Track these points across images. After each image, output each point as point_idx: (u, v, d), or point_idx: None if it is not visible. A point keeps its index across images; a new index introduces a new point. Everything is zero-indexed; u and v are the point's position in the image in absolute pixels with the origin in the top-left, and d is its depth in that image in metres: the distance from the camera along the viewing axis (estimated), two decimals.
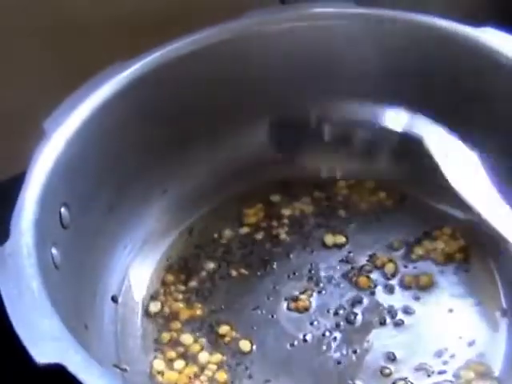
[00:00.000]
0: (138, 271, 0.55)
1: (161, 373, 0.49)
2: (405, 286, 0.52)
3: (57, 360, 0.37)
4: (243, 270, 0.54)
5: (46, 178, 0.46)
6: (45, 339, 0.38)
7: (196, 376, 0.49)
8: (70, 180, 0.49)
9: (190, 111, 0.56)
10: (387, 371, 0.48)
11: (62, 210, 0.48)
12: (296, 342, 0.50)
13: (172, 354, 0.50)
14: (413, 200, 0.57)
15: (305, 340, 0.50)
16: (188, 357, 0.50)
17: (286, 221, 0.57)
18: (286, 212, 0.58)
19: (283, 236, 0.56)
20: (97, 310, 0.51)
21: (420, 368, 0.48)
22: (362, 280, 0.53)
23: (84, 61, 0.54)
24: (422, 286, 0.52)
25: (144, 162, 0.55)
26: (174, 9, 0.60)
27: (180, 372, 0.49)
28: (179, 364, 0.50)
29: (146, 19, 0.59)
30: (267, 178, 0.59)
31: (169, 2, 0.60)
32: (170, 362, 0.50)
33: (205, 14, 0.56)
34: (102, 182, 0.52)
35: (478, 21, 0.52)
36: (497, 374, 0.47)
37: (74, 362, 0.37)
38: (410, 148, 0.58)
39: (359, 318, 0.51)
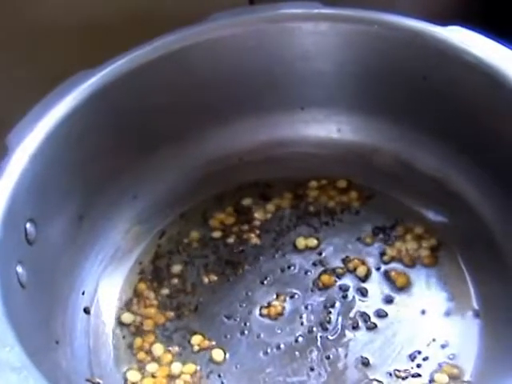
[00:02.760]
0: (109, 280, 0.54)
1: None
2: (377, 289, 0.52)
3: None
4: (214, 277, 0.54)
5: (9, 195, 0.46)
6: (5, 370, 0.38)
7: None
8: (35, 195, 0.48)
9: (157, 116, 0.55)
10: (361, 377, 0.48)
11: (28, 225, 0.47)
12: (269, 350, 0.50)
13: (145, 364, 0.50)
14: (384, 200, 0.57)
15: (278, 347, 0.50)
16: (161, 367, 0.50)
17: (257, 224, 0.57)
18: (257, 215, 0.57)
19: (254, 240, 0.56)
20: (68, 323, 0.50)
21: (394, 373, 0.48)
22: (325, 278, 0.53)
23: (47, 72, 0.53)
24: (394, 288, 0.52)
25: (113, 169, 0.55)
26: (138, 14, 0.59)
27: (154, 382, 0.49)
28: (153, 374, 0.50)
29: (109, 25, 0.58)
30: (238, 182, 0.58)
31: (132, 7, 0.59)
32: (143, 373, 0.50)
33: (171, 16, 0.55)
34: (69, 193, 0.52)
35: (444, 20, 0.51)
36: (469, 376, 0.48)
37: None
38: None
39: (332, 322, 0.51)
